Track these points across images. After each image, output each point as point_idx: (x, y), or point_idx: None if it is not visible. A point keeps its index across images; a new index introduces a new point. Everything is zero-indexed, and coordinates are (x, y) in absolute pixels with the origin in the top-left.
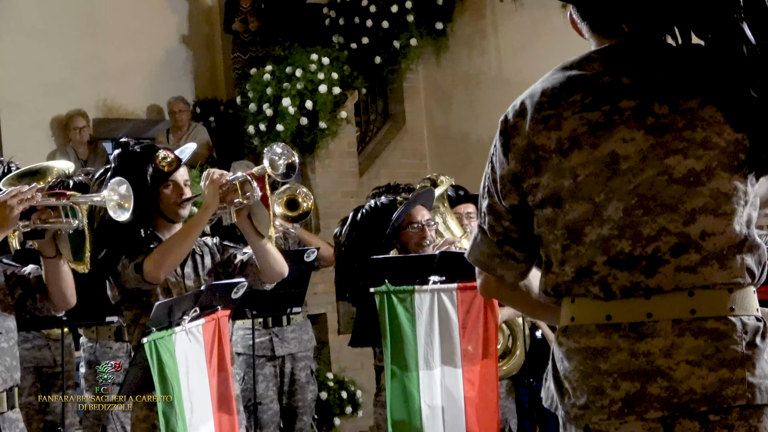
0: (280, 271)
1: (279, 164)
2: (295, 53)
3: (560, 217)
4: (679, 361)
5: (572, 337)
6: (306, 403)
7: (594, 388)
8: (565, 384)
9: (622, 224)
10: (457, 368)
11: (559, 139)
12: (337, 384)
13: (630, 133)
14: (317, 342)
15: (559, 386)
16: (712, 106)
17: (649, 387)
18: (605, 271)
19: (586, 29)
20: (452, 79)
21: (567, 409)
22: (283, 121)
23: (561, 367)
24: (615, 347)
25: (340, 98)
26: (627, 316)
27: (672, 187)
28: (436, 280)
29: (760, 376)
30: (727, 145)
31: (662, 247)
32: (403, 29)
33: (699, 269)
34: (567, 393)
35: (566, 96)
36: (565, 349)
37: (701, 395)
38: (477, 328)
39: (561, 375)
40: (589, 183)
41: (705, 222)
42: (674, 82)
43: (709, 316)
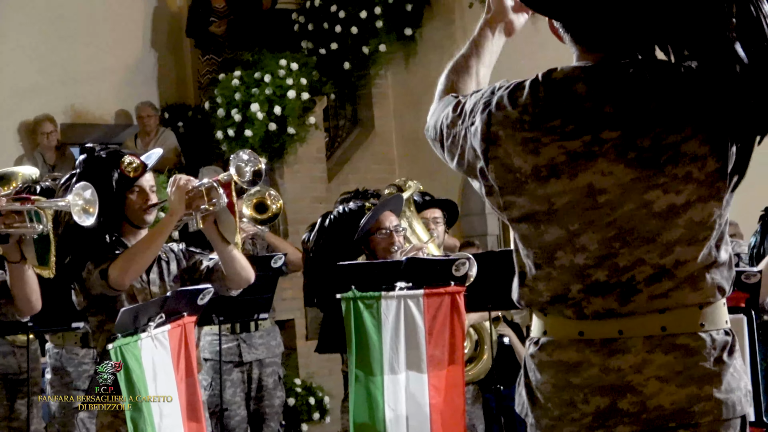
0: (246, 277)
1: (245, 171)
2: (263, 59)
3: (535, 236)
4: (649, 377)
5: (545, 350)
6: (273, 409)
7: (565, 401)
8: (537, 394)
9: (598, 255)
10: (422, 374)
11: (537, 166)
12: (305, 390)
13: (609, 166)
14: (285, 348)
15: (531, 396)
16: (696, 141)
17: (620, 402)
18: (580, 297)
19: (569, 40)
20: (421, 85)
21: (538, 419)
22: (252, 126)
23: (533, 377)
24: (587, 362)
25: (309, 104)
26: (599, 332)
27: (651, 222)
28: (402, 286)
29: (727, 391)
30: (706, 179)
31: (637, 277)
32: (372, 35)
33: (671, 294)
34: (539, 403)
35: (547, 120)
36: (538, 361)
37: (670, 411)
38: (443, 333)
39: (533, 385)
40: (565, 212)
41: (680, 251)
42: (658, 114)
43: (679, 332)
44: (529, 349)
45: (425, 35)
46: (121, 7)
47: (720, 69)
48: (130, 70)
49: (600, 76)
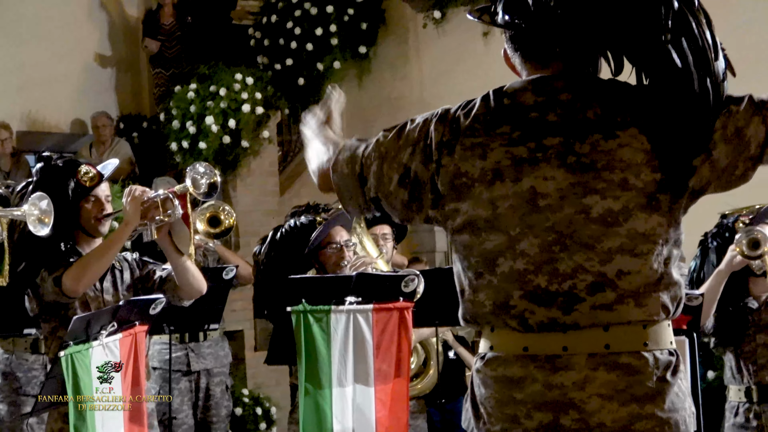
0: (198, 288)
1: (201, 183)
2: (219, 72)
3: (476, 244)
4: (591, 395)
5: (490, 366)
6: (220, 418)
7: (508, 416)
8: (481, 409)
9: (538, 260)
10: (369, 387)
11: (483, 169)
12: (252, 400)
13: (551, 171)
14: (234, 358)
15: (476, 410)
16: (630, 149)
17: (562, 418)
18: (522, 305)
19: (519, 60)
20: (375, 102)
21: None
22: (206, 138)
23: (478, 392)
24: (530, 378)
25: (263, 118)
26: (544, 348)
27: (589, 226)
28: (352, 301)
29: (669, 411)
30: (645, 186)
31: (578, 285)
32: (327, 52)
33: (615, 307)
34: (482, 418)
35: (496, 127)
36: (483, 376)
37: (611, 429)
38: (391, 348)
39: (478, 400)
40: (507, 216)
41: (621, 261)
42: (598, 122)
43: (623, 351)
44: (476, 365)
45: (379, 53)
46: (79, 16)
47: (656, 74)
48: (87, 80)
49: (546, 88)
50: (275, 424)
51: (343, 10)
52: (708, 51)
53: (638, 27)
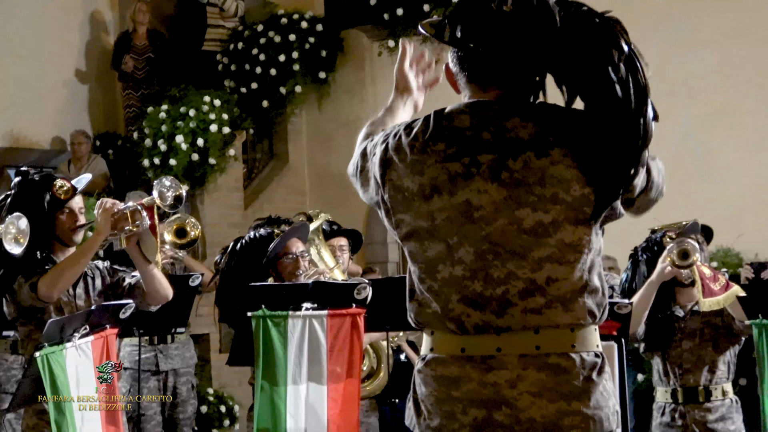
0: (165, 294)
1: (167, 196)
2: (189, 94)
3: (420, 252)
4: (522, 392)
5: (430, 366)
6: (187, 415)
7: (446, 412)
8: (422, 406)
9: (474, 267)
10: (322, 386)
11: (422, 185)
12: (216, 399)
13: (485, 185)
14: (200, 360)
15: (417, 407)
16: (561, 166)
17: (495, 414)
18: (460, 309)
19: (463, 81)
20: (332, 124)
21: (422, 428)
22: (176, 156)
23: (419, 391)
24: (467, 377)
25: (229, 137)
26: (479, 349)
27: (521, 237)
28: (308, 307)
29: (594, 408)
30: (573, 201)
31: (511, 290)
32: (290, 77)
33: (544, 311)
34: (423, 414)
35: (433, 144)
36: (424, 375)
37: (541, 424)
38: (343, 351)
39: (419, 398)
40: (445, 226)
41: (550, 269)
42: (529, 142)
43: (552, 352)
44: (417, 366)
45: (338, 79)
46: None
47: (600, 107)
48: (66, 100)
49: (482, 111)
50: (238, 421)
51: (304, 38)
52: (646, 94)
53: (590, 68)
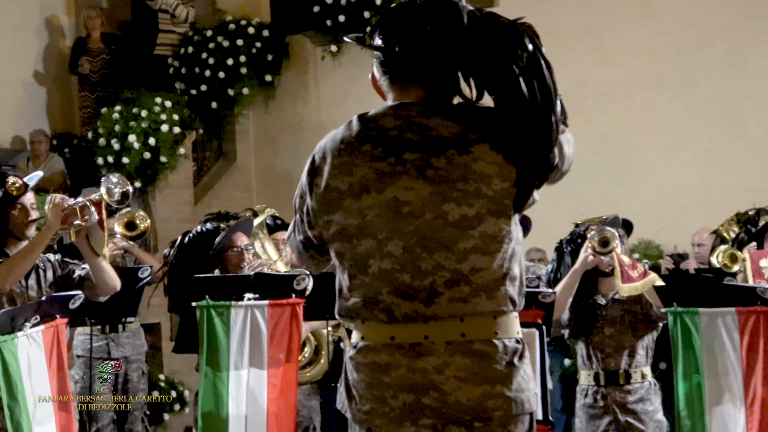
0: (113, 285)
1: (115, 192)
2: (141, 96)
3: (348, 250)
4: (449, 377)
5: (361, 353)
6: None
7: (377, 397)
8: (354, 392)
9: (403, 260)
10: (263, 372)
11: (351, 184)
12: (167, 384)
13: (411, 182)
14: (151, 347)
15: (349, 393)
16: (482, 162)
17: (423, 398)
18: (390, 299)
19: (386, 84)
20: (279, 125)
21: (354, 412)
22: (129, 154)
23: (351, 377)
24: (396, 363)
25: (180, 137)
26: (408, 337)
27: (447, 230)
28: (250, 297)
29: (516, 391)
30: (495, 194)
31: (438, 281)
32: (237, 80)
33: (469, 300)
34: (354, 399)
35: (359, 146)
36: (355, 362)
37: (467, 407)
38: (283, 339)
39: (351, 384)
40: (375, 222)
41: (474, 259)
42: (452, 140)
43: (476, 339)
44: (349, 353)
45: (283, 82)
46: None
47: (507, 103)
48: (26, 101)
49: (405, 112)
50: (188, 405)
51: (251, 43)
52: (552, 91)
53: (495, 64)
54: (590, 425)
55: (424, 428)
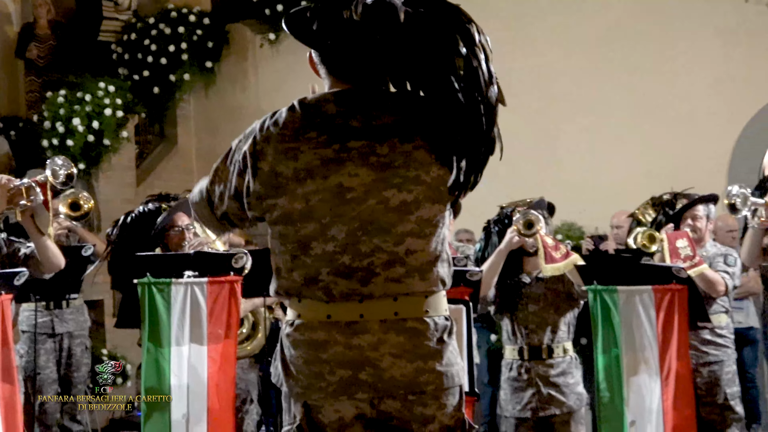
0: (57, 263)
1: (60, 174)
2: (86, 81)
3: (292, 233)
4: (384, 354)
5: (298, 330)
6: (81, 374)
7: (315, 372)
8: (291, 368)
9: (345, 243)
10: (203, 347)
11: (296, 169)
12: (110, 359)
13: (355, 168)
14: (95, 323)
15: (286, 368)
16: (423, 150)
17: (360, 374)
18: (329, 279)
19: (324, 71)
20: (218, 110)
21: (290, 387)
22: (73, 137)
23: (288, 353)
24: (333, 341)
25: (123, 121)
26: (344, 315)
27: (387, 215)
28: (190, 275)
29: (447, 365)
30: (432, 181)
31: (375, 262)
32: (179, 66)
33: (403, 280)
34: (291, 374)
35: (304, 132)
36: (292, 339)
37: (401, 381)
38: (222, 315)
39: (288, 360)
40: (319, 207)
41: (410, 242)
42: (394, 128)
43: (408, 317)
44: (285, 330)
45: (223, 68)
46: None
47: (441, 102)
48: None
49: (346, 99)
50: (130, 378)
51: (192, 31)
52: (484, 83)
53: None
54: (514, 397)
55: (360, 402)
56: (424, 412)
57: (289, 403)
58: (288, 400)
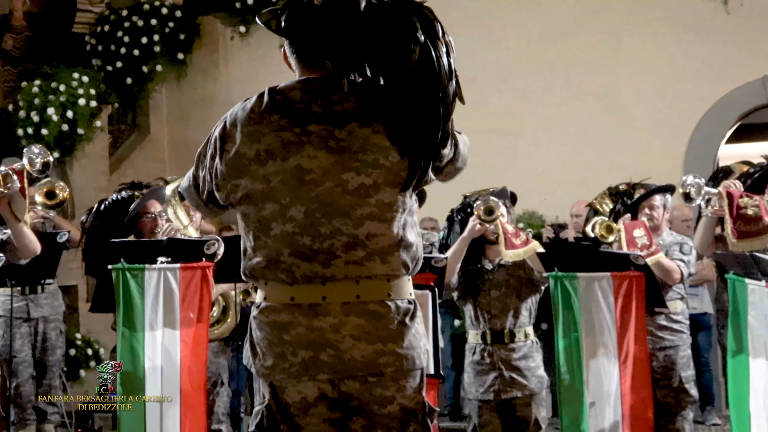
0: (33, 249)
1: (36, 162)
2: (60, 72)
3: (253, 213)
4: (345, 335)
5: (264, 313)
6: (55, 357)
7: (278, 353)
8: (257, 348)
9: (304, 224)
10: (175, 331)
11: (258, 151)
12: (84, 343)
13: (315, 151)
14: (69, 308)
15: (253, 349)
16: (381, 135)
17: (321, 355)
18: (290, 261)
19: (294, 61)
20: (190, 100)
21: (257, 368)
22: (48, 126)
23: (255, 335)
24: (296, 322)
25: (96, 110)
26: (307, 298)
27: (346, 197)
28: (163, 261)
29: (408, 348)
30: (391, 166)
31: (336, 244)
32: (151, 57)
33: (364, 263)
34: (258, 355)
35: (268, 115)
36: (258, 321)
37: (361, 363)
38: (194, 300)
39: (255, 341)
40: (279, 188)
41: (371, 226)
42: (354, 114)
43: (370, 300)
44: (253, 313)
45: (194, 60)
46: None
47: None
48: None
49: (311, 86)
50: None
51: (164, 23)
52: (443, 75)
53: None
54: (477, 380)
55: (321, 382)
56: (384, 393)
57: (258, 383)
58: (257, 380)
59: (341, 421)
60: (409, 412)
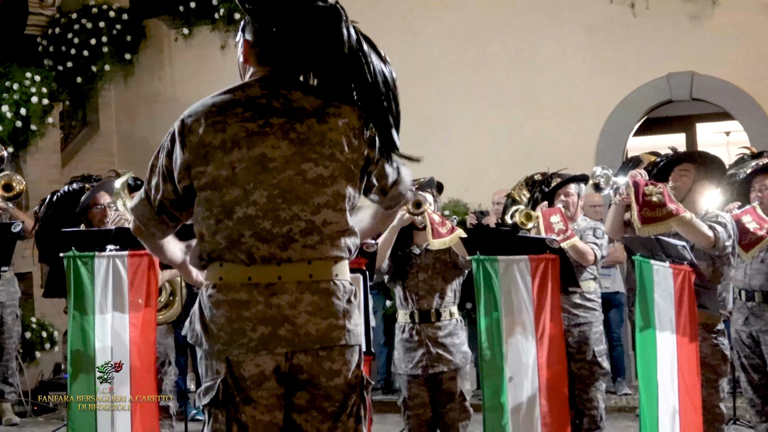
0: None
1: None
2: (13, 71)
3: (217, 198)
4: (300, 312)
5: (221, 292)
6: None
7: (236, 330)
8: (211, 326)
9: (265, 208)
10: (125, 314)
11: (223, 140)
12: (39, 326)
13: (277, 142)
14: (24, 294)
15: (205, 328)
16: (337, 132)
17: (279, 330)
18: (251, 242)
19: (254, 60)
20: (136, 98)
21: (211, 345)
22: (2, 123)
23: (209, 313)
24: (254, 300)
25: (48, 108)
26: (264, 278)
27: (305, 186)
28: (112, 249)
29: (354, 324)
30: (346, 161)
31: (294, 229)
32: (100, 57)
33: (317, 247)
34: (212, 333)
35: (231, 108)
36: (214, 300)
37: (315, 337)
38: (142, 285)
39: (208, 320)
40: (243, 174)
41: (326, 214)
42: (312, 111)
43: (321, 279)
44: (207, 292)
45: (141, 59)
46: None
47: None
48: None
49: (269, 84)
50: (57, 344)
51: (112, 25)
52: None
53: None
54: (407, 357)
55: (278, 356)
56: (332, 367)
57: (210, 361)
58: (208, 358)
59: (285, 396)
60: (351, 386)
